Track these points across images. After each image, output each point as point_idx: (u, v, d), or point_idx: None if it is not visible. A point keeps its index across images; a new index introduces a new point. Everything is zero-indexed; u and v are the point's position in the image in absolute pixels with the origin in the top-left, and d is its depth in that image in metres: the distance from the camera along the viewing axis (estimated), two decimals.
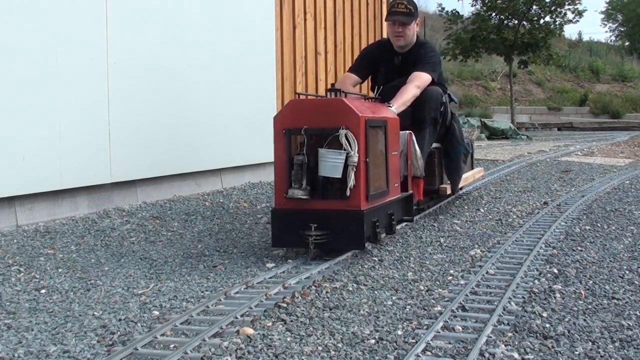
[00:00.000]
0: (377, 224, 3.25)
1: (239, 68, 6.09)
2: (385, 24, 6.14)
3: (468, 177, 5.07)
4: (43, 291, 2.80)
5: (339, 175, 3.08)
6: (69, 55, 4.44)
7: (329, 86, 3.56)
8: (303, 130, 3.14)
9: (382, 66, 4.53)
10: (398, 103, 4.00)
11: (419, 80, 4.22)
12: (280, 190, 3.21)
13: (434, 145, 4.45)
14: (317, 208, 3.15)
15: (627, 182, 6.48)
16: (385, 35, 8.90)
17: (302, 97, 3.33)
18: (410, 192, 3.89)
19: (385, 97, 4.10)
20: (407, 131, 3.96)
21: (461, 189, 5.21)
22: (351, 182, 3.08)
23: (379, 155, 3.38)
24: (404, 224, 4.03)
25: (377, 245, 3.39)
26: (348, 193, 3.10)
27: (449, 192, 4.60)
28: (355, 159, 3.08)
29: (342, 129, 3.08)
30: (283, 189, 3.18)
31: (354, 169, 3.08)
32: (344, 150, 3.07)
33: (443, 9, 18.89)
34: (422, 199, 4.24)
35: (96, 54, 4.65)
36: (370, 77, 4.70)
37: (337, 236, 3.12)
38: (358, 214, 3.11)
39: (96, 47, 4.65)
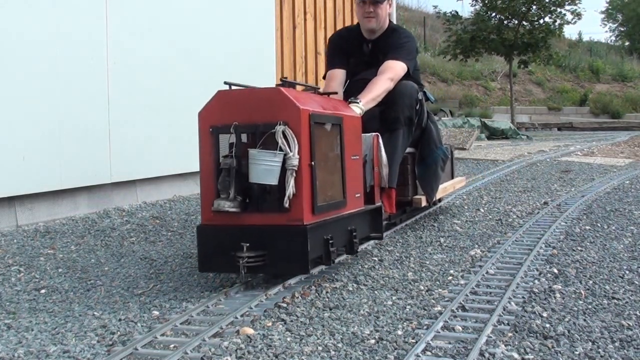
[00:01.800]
0: (330, 242, 2.73)
1: (239, 68, 6.09)
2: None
3: (447, 187, 4.50)
4: (43, 291, 2.80)
5: (273, 181, 2.54)
6: (69, 55, 4.44)
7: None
8: (232, 127, 2.59)
9: (351, 56, 3.97)
10: (367, 98, 3.46)
11: (392, 72, 3.66)
12: (206, 202, 2.65)
13: (407, 149, 3.88)
14: (250, 223, 2.60)
15: (627, 182, 6.48)
16: None
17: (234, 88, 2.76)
18: (378, 204, 3.33)
19: (353, 92, 3.58)
20: (374, 133, 3.39)
21: (440, 200, 4.78)
22: (290, 190, 2.53)
23: (331, 159, 2.85)
24: (372, 242, 3.53)
25: (331, 266, 2.85)
26: (287, 204, 2.54)
27: (424, 203, 4.00)
28: (295, 162, 2.53)
29: (279, 124, 2.54)
30: (210, 201, 2.63)
31: (294, 174, 2.54)
32: (281, 150, 2.53)
33: (439, 11, 18.85)
34: (394, 212, 3.70)
35: (96, 54, 4.65)
36: None
37: (276, 258, 2.57)
38: (300, 229, 2.54)
39: (96, 47, 4.65)
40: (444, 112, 17.71)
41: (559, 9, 18.10)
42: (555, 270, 3.02)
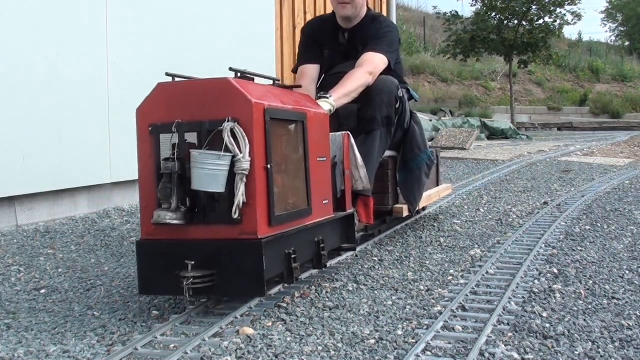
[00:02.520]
0: (293, 257, 2.39)
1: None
2: None
3: (432, 195, 4.12)
4: (43, 291, 2.80)
5: (218, 188, 2.19)
6: (69, 55, 4.44)
7: None
8: (175, 125, 2.25)
9: (326, 47, 3.61)
10: (339, 93, 3.10)
11: (371, 65, 3.31)
12: (146, 214, 2.30)
13: (388, 153, 3.53)
14: (197, 238, 2.26)
15: (627, 182, 6.48)
16: None
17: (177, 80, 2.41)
18: (351, 211, 2.99)
19: (328, 88, 3.21)
20: (343, 132, 3.03)
21: (424, 209, 4.45)
22: (240, 198, 2.18)
23: (293, 161, 2.51)
24: (346, 254, 3.23)
25: (294, 284, 2.51)
26: (236, 214, 2.19)
27: (406, 213, 3.61)
28: (246, 165, 2.18)
29: (227, 121, 2.18)
30: (150, 212, 2.27)
31: (244, 180, 2.19)
32: (228, 152, 2.18)
33: (439, 12, 18.86)
34: (372, 222, 3.31)
35: (96, 54, 4.65)
36: None
37: (226, 278, 2.22)
38: (254, 244, 2.19)
39: (96, 47, 4.65)
40: (444, 112, 17.73)
41: (558, 9, 18.12)
42: (555, 270, 3.02)
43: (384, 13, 8.93)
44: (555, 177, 7.02)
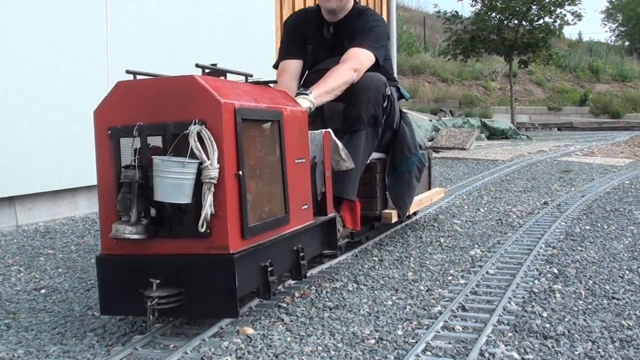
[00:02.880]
0: (269, 269, 2.21)
1: (239, 68, 6.09)
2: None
3: (423, 200, 3.91)
4: (43, 291, 2.80)
5: (183, 199, 1.98)
6: (69, 55, 4.44)
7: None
8: (136, 128, 2.04)
9: (309, 42, 3.40)
10: (320, 90, 2.90)
11: (356, 61, 3.10)
12: (106, 226, 2.09)
13: (376, 155, 3.33)
14: (161, 253, 2.06)
15: (627, 182, 6.48)
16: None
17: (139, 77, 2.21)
18: (332, 215, 2.79)
19: (311, 86, 3.00)
20: (323, 130, 2.82)
21: (415, 213, 4.23)
22: (208, 209, 1.98)
23: (268, 165, 2.32)
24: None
25: (270, 299, 2.32)
26: (203, 227, 1.98)
27: (395, 219, 3.41)
28: (214, 173, 1.98)
29: (194, 124, 1.98)
30: (110, 224, 2.06)
31: (212, 189, 1.99)
32: (195, 158, 1.97)
33: (439, 10, 18.87)
34: (359, 228, 3.14)
35: (96, 54, 4.65)
36: None
37: (195, 297, 2.04)
38: (225, 260, 2.00)
39: (96, 47, 4.65)
40: (444, 112, 17.73)
41: (558, 9, 18.13)
42: (555, 270, 3.02)
43: (384, 13, 8.92)
44: (555, 177, 7.02)
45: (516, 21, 18.28)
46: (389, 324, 2.30)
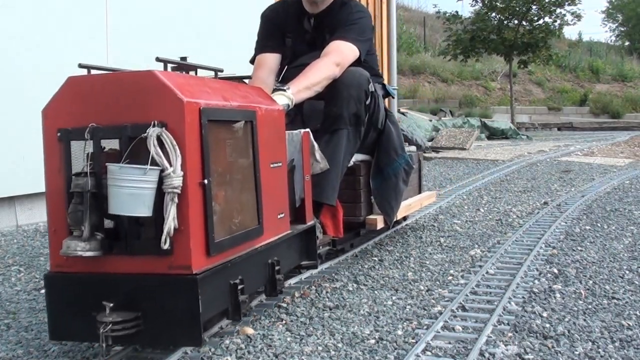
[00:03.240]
0: (240, 287, 2.00)
1: (240, 68, 6.08)
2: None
3: (412, 204, 3.70)
4: (43, 291, 2.80)
5: (143, 211, 1.76)
6: (68, 54, 4.44)
7: None
8: (89, 130, 1.81)
9: (289, 35, 3.18)
10: (298, 86, 2.70)
11: (339, 54, 2.90)
12: (55, 241, 1.86)
13: (360, 157, 3.13)
14: (116, 272, 1.83)
15: (627, 182, 6.48)
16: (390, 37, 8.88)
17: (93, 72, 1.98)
18: (311, 223, 2.61)
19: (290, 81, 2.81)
20: (303, 130, 2.61)
21: (405, 219, 4.07)
22: (170, 223, 1.75)
23: (238, 170, 2.09)
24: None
25: (239, 320, 2.16)
26: (166, 244, 1.76)
27: (381, 225, 3.19)
28: (177, 181, 1.75)
29: (153, 126, 1.75)
30: (61, 239, 1.83)
31: (175, 200, 1.75)
32: (155, 165, 1.75)
33: (439, 10, 18.86)
34: (341, 235, 2.95)
35: (96, 51, 4.65)
36: None
37: (154, 323, 1.81)
38: (187, 281, 1.78)
39: (96, 44, 4.65)
40: (443, 112, 17.73)
41: (558, 9, 18.13)
42: (555, 270, 3.02)
43: (384, 13, 8.91)
44: (555, 177, 7.02)
45: (516, 21, 18.28)
46: (389, 324, 2.30)
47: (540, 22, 18.32)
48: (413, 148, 9.31)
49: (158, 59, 1.96)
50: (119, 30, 4.81)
